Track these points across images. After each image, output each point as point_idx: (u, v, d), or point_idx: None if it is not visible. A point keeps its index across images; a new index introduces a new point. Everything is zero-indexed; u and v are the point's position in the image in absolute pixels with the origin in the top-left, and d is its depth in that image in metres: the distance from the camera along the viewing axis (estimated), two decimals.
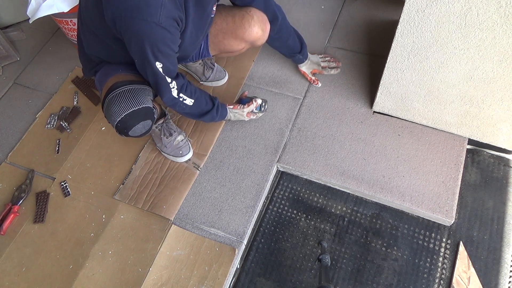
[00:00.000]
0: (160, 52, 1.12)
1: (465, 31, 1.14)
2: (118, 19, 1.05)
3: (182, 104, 1.30)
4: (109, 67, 1.30)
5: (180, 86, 1.26)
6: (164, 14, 1.05)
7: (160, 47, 1.11)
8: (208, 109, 1.40)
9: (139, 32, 1.07)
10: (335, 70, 1.74)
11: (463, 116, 1.44)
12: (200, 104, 1.36)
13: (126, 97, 1.20)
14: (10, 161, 1.67)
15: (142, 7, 1.02)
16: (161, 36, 1.09)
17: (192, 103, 1.32)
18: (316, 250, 1.43)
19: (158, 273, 1.37)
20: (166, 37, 1.11)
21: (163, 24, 1.06)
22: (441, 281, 1.34)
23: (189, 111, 1.36)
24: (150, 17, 1.03)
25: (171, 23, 1.10)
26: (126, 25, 1.06)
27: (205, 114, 1.41)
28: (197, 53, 1.50)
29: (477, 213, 1.45)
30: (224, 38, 1.44)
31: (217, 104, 1.44)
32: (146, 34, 1.07)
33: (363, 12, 1.95)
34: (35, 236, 1.48)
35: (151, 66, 1.14)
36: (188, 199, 1.51)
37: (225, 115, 1.52)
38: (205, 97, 1.40)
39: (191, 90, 1.32)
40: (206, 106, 1.40)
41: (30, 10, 1.59)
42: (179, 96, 1.27)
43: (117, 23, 1.06)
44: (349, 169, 1.51)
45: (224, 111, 1.50)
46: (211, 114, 1.42)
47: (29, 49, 2.06)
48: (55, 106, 1.81)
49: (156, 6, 1.03)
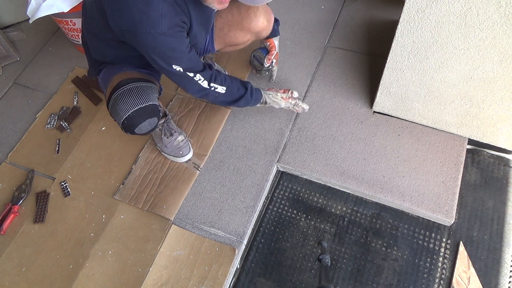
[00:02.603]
0: (171, 58, 1.13)
1: (465, 31, 1.14)
2: (126, 32, 1.07)
3: (214, 92, 1.30)
4: (113, 65, 1.31)
5: (209, 76, 1.26)
6: (166, 23, 1.05)
7: (169, 54, 1.12)
8: (241, 94, 1.38)
9: (146, 45, 1.09)
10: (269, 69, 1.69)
11: (463, 116, 1.44)
12: (232, 90, 1.35)
13: (132, 94, 1.21)
14: (10, 161, 1.67)
15: (144, 19, 1.03)
16: (168, 45, 1.10)
17: (225, 90, 1.32)
18: (316, 250, 1.43)
19: (158, 273, 1.37)
20: (173, 43, 1.11)
21: (167, 32, 1.06)
22: (441, 281, 1.34)
23: (223, 99, 1.35)
24: (153, 29, 1.04)
25: (175, 29, 1.10)
26: (133, 38, 1.08)
27: (239, 99, 1.39)
28: (202, 49, 1.51)
29: (477, 213, 1.45)
30: (230, 31, 1.44)
31: (250, 87, 1.41)
32: (153, 46, 1.08)
33: (363, 12, 1.95)
34: (35, 236, 1.48)
35: (168, 71, 1.17)
36: (188, 199, 1.51)
37: (260, 98, 1.47)
38: (237, 83, 1.38)
39: (221, 78, 1.31)
40: (239, 91, 1.38)
41: (30, 10, 1.59)
42: (210, 86, 1.27)
43: (126, 35, 1.08)
44: (349, 169, 1.51)
45: (259, 94, 1.46)
46: (246, 99, 1.40)
47: (29, 49, 2.06)
48: (55, 106, 1.81)
49: (157, 17, 1.03)
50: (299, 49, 1.86)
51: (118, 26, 1.07)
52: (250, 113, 1.68)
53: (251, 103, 1.45)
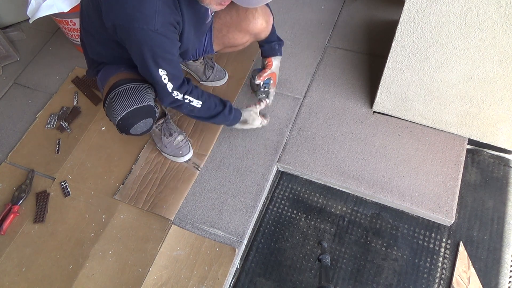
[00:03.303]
0: (160, 58, 1.12)
1: (465, 31, 1.14)
2: (118, 27, 1.06)
3: (189, 105, 1.28)
4: (111, 66, 1.31)
5: (184, 91, 1.24)
6: (159, 20, 1.05)
7: (159, 53, 1.11)
8: (218, 110, 1.36)
9: (137, 41, 1.08)
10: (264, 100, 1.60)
11: (463, 116, 1.44)
12: (209, 106, 1.33)
13: (128, 95, 1.21)
14: (10, 161, 1.67)
15: (137, 15, 1.03)
16: (159, 43, 1.09)
17: (201, 105, 1.29)
18: (316, 250, 1.43)
19: (158, 273, 1.37)
20: (164, 42, 1.11)
21: (160, 30, 1.06)
22: (441, 281, 1.34)
23: (199, 113, 1.32)
24: (146, 25, 1.04)
25: (168, 28, 1.10)
26: (125, 33, 1.07)
27: (216, 116, 1.36)
28: (201, 50, 1.51)
29: (477, 213, 1.45)
30: (229, 32, 1.45)
31: (229, 105, 1.39)
32: (144, 42, 1.08)
33: (363, 12, 1.95)
34: (35, 236, 1.48)
35: (152, 72, 1.15)
36: (188, 199, 1.51)
37: (239, 118, 1.45)
38: (215, 100, 1.36)
39: (198, 93, 1.29)
40: (216, 108, 1.35)
41: (30, 10, 1.59)
42: (184, 98, 1.25)
43: (118, 31, 1.08)
44: (349, 169, 1.51)
45: (238, 113, 1.44)
46: (223, 115, 1.37)
47: (29, 49, 2.06)
48: (55, 106, 1.81)
49: (151, 13, 1.03)
50: (299, 49, 1.86)
51: (111, 21, 1.06)
52: None
53: (228, 121, 1.42)
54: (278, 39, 1.56)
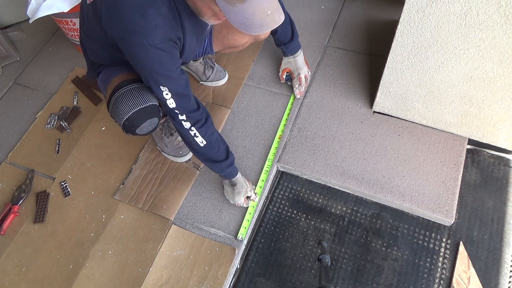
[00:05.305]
0: (159, 75, 1.10)
1: (465, 31, 1.14)
2: (119, 39, 1.06)
3: (191, 137, 1.20)
4: (112, 67, 1.31)
5: (194, 120, 1.18)
6: (159, 36, 1.04)
7: (157, 69, 1.09)
8: (219, 158, 1.29)
9: (136, 55, 1.07)
10: (298, 91, 1.67)
11: (463, 116, 1.44)
12: (211, 149, 1.25)
13: (132, 95, 1.21)
14: (10, 161, 1.67)
15: (137, 30, 1.02)
16: (157, 58, 1.07)
17: (203, 144, 1.22)
18: (316, 250, 1.43)
19: (158, 273, 1.37)
20: (163, 57, 1.08)
21: (159, 45, 1.05)
22: (441, 281, 1.34)
23: (195, 148, 1.25)
24: (146, 39, 1.03)
25: (167, 43, 1.08)
26: (126, 47, 1.07)
27: (213, 162, 1.29)
28: (201, 50, 1.51)
29: (477, 213, 1.45)
30: (228, 33, 1.45)
31: (231, 160, 1.32)
32: (142, 57, 1.06)
33: (363, 12, 1.95)
34: (35, 236, 1.48)
35: (153, 89, 1.13)
36: (188, 199, 1.51)
37: (235, 175, 1.38)
38: (220, 146, 1.28)
39: (207, 130, 1.22)
40: (218, 155, 1.28)
41: (30, 10, 1.59)
42: (191, 129, 1.19)
43: (119, 43, 1.07)
44: (349, 169, 1.51)
45: (235, 172, 1.37)
46: (220, 166, 1.30)
47: (29, 49, 2.06)
48: (55, 106, 1.81)
49: (150, 28, 1.02)
50: None
51: (111, 33, 1.07)
52: (250, 113, 1.69)
53: (223, 173, 1.36)
54: (284, 43, 1.57)
